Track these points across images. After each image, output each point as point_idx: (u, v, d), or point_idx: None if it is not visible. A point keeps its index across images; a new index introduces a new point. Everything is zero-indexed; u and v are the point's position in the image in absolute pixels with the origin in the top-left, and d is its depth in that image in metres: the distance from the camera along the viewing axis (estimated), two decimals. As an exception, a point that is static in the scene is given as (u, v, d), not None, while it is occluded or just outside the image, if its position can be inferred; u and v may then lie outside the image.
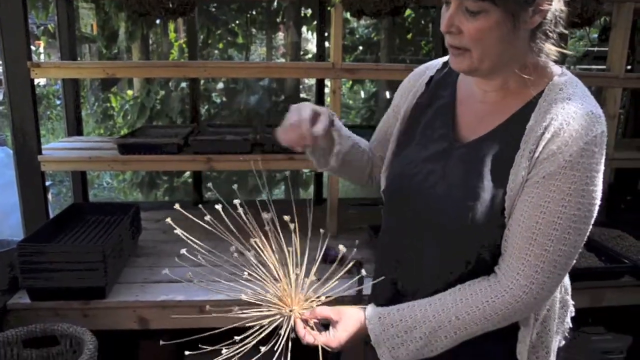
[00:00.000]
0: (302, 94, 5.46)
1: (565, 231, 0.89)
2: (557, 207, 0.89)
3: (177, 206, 1.02)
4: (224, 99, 4.74)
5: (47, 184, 2.43)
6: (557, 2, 0.90)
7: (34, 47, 6.46)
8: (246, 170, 2.97)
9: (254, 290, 1.04)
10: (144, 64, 3.27)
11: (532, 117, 0.93)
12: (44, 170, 2.18)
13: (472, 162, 0.98)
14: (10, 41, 2.05)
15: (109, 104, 5.16)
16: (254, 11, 4.78)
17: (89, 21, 5.56)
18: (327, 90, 3.09)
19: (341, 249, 1.06)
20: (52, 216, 2.27)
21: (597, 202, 0.91)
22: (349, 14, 2.21)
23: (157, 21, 4.59)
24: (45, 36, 5.30)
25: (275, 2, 4.38)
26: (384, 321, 1.01)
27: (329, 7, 2.42)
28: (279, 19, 4.75)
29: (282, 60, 5.80)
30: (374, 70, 2.53)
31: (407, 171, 1.07)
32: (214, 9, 4.50)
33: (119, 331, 1.84)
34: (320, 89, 3.19)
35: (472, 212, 0.95)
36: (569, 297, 1.13)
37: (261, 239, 1.04)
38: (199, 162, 2.29)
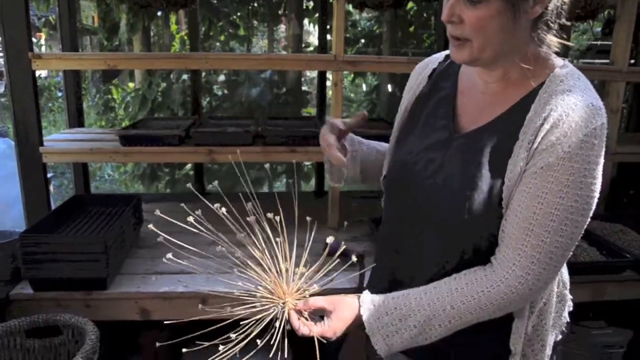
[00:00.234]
0: (303, 87, 5.46)
1: (562, 222, 0.89)
2: (554, 199, 0.89)
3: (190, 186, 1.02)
4: (226, 91, 4.74)
5: (49, 175, 2.43)
6: None
7: (35, 39, 6.45)
8: (248, 162, 2.97)
9: (246, 285, 1.03)
10: (145, 55, 3.26)
11: (532, 108, 0.93)
12: (46, 161, 2.18)
13: (470, 152, 0.99)
14: (11, 33, 2.04)
15: (110, 96, 5.15)
16: (255, 3, 4.77)
17: (90, 13, 5.55)
18: (328, 83, 3.08)
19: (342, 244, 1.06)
20: (53, 208, 2.28)
21: (595, 194, 0.90)
22: (351, 6, 2.20)
23: (159, 13, 4.57)
24: (46, 28, 5.29)
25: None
26: (379, 309, 1.01)
27: (331, -1, 2.41)
28: (280, 11, 4.74)
29: (284, 52, 5.78)
30: (376, 62, 2.52)
31: (407, 160, 1.08)
32: (215, 1, 4.49)
33: (121, 322, 1.85)
34: (322, 81, 3.18)
35: (470, 202, 0.95)
36: (567, 291, 1.13)
37: (248, 232, 1.02)
38: (200, 154, 2.29)
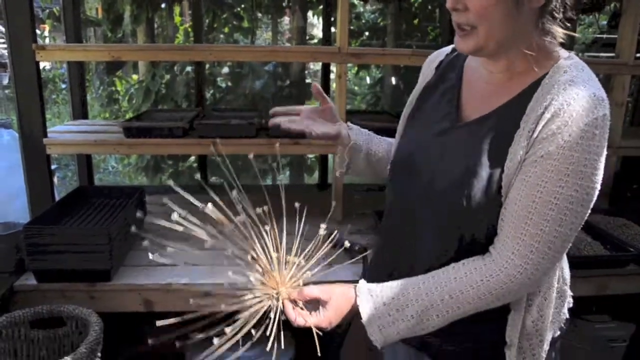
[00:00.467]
0: (307, 79, 5.44)
1: (561, 212, 0.89)
2: (554, 187, 0.88)
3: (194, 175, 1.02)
4: (230, 83, 4.73)
5: (53, 167, 2.44)
6: None
7: (39, 31, 6.45)
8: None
9: (238, 276, 1.01)
10: (149, 47, 3.25)
11: (534, 97, 0.93)
12: (50, 153, 2.19)
13: (471, 140, 0.99)
14: (15, 24, 2.04)
15: (114, 88, 5.16)
16: (259, -5, 4.75)
17: (94, 4, 5.55)
18: (332, 76, 3.07)
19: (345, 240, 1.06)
20: (57, 199, 2.28)
21: (596, 186, 0.89)
22: (355, -1, 2.19)
23: (163, 5, 4.57)
24: (50, 19, 5.29)
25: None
26: (376, 299, 1.00)
27: (335, -9, 2.40)
28: (284, 3, 4.72)
29: (288, 44, 5.77)
30: (380, 55, 2.51)
31: (410, 149, 1.09)
32: (219, -7, 4.48)
33: (125, 313, 1.86)
34: (325, 74, 3.17)
35: (468, 189, 0.95)
36: (568, 287, 1.12)
37: (236, 225, 0.99)
38: (204, 146, 2.29)
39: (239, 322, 0.97)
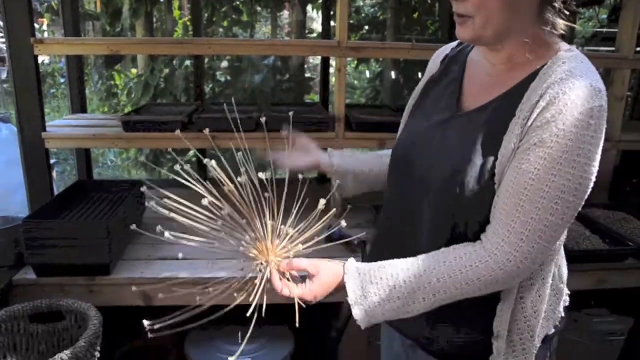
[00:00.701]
0: (306, 73, 5.43)
1: (553, 200, 0.88)
2: (546, 175, 0.88)
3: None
4: (229, 77, 4.72)
5: (52, 161, 2.43)
6: None
7: (37, 25, 6.42)
8: (250, 148, 2.95)
9: (230, 238, 1.01)
10: (147, 40, 3.24)
11: (531, 87, 0.93)
12: (48, 147, 2.18)
13: (468, 129, 1.00)
14: (13, 18, 2.03)
15: (112, 82, 5.14)
16: (258, -12, 4.73)
17: (92, -2, 5.52)
18: (332, 70, 3.07)
19: (343, 224, 1.05)
20: (56, 194, 2.28)
21: (589, 177, 0.89)
22: (355, -8, 2.18)
23: (161, -2, 4.55)
24: (48, 13, 5.26)
25: (280, -21, 4.34)
26: (363, 278, 1.00)
27: (334, -16, 2.38)
28: (284, -3, 4.70)
29: (287, 38, 5.75)
30: (379, 48, 2.50)
31: (411, 139, 1.11)
32: (218, -14, 4.46)
33: (124, 307, 1.86)
34: (325, 67, 3.16)
35: (462, 177, 0.95)
36: (564, 286, 1.12)
37: (239, 190, 1.00)
38: (202, 139, 2.28)
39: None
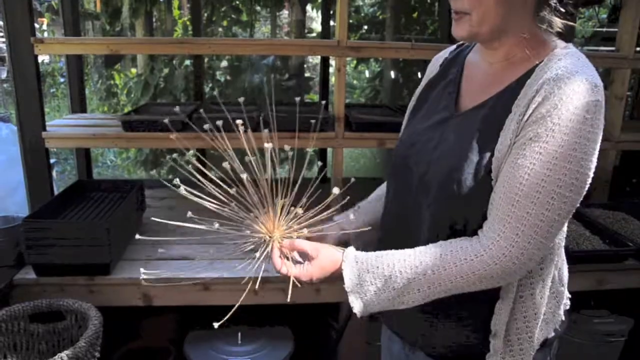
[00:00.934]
0: (306, 73, 5.43)
1: (549, 195, 0.88)
2: (542, 170, 0.88)
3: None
4: (228, 77, 4.72)
5: (52, 161, 2.43)
6: None
7: (37, 24, 6.42)
8: (250, 149, 2.95)
9: (239, 212, 1.04)
10: (147, 40, 3.24)
11: (527, 83, 0.94)
12: (48, 147, 2.18)
13: (465, 128, 1.00)
14: (13, 17, 2.03)
15: (112, 82, 5.14)
16: (258, -12, 4.73)
17: (92, -3, 5.51)
18: (331, 69, 3.07)
19: (335, 191, 1.06)
20: (56, 193, 2.28)
21: (587, 172, 0.88)
22: (354, -8, 2.18)
23: (161, -2, 4.55)
24: (48, 13, 5.27)
25: (280, -21, 4.34)
26: (361, 266, 1.01)
27: (334, -16, 2.38)
28: (283, -3, 4.70)
29: (287, 38, 5.75)
30: (379, 48, 2.50)
31: (410, 140, 1.11)
32: (218, -14, 4.46)
33: (124, 307, 1.86)
34: (325, 67, 3.17)
35: (459, 174, 0.96)
36: (565, 289, 1.12)
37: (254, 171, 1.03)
38: (203, 139, 2.28)
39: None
